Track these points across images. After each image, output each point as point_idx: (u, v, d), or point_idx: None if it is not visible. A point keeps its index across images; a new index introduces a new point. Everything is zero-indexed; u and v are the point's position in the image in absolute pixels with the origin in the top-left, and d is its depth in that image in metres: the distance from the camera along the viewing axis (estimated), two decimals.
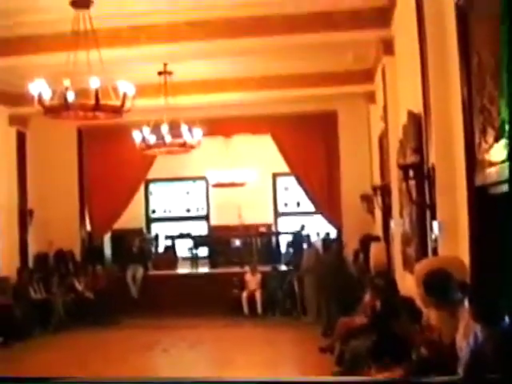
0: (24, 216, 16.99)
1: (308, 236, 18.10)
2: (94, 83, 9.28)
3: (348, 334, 10.18)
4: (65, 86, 9.25)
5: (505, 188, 5.26)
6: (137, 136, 13.81)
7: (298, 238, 19.25)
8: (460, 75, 6.54)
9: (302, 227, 19.44)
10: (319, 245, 17.56)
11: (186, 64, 14.05)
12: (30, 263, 17.23)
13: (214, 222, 22.54)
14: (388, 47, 11.53)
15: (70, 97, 9.34)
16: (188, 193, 23.35)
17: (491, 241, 5.90)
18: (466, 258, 6.62)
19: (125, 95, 9.61)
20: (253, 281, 16.86)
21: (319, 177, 17.74)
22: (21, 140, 17.18)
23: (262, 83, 15.34)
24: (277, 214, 22.46)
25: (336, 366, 9.87)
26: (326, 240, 18.55)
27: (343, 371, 9.21)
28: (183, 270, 19.76)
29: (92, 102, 9.42)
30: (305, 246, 17.53)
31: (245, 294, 16.54)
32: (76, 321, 15.57)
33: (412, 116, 8.96)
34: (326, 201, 17.77)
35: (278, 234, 21.83)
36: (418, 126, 8.60)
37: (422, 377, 5.55)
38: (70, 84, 9.24)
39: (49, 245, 17.51)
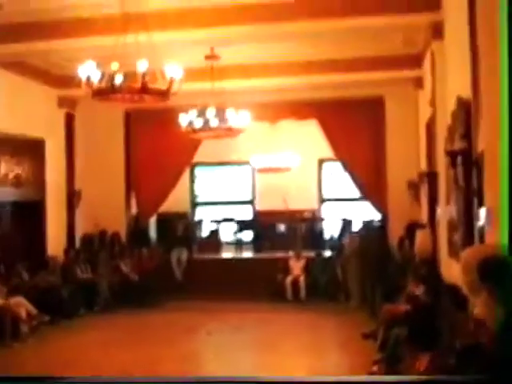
0: (72, 197, 17.26)
1: (351, 222, 18.03)
2: (141, 66, 9.35)
3: (392, 320, 10.15)
4: (113, 69, 9.35)
5: None
6: (183, 120, 13.89)
7: (344, 225, 19.24)
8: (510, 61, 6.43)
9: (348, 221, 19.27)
10: (364, 230, 17.52)
11: (232, 48, 14.04)
12: (77, 244, 17.51)
13: (258, 206, 22.55)
14: (437, 31, 11.36)
15: (118, 80, 9.42)
16: (233, 177, 23.38)
17: None
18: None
19: (172, 79, 9.66)
20: (297, 266, 16.88)
21: (365, 162, 17.63)
22: (69, 122, 17.43)
23: (309, 68, 15.28)
24: (321, 200, 22.40)
25: (379, 353, 9.85)
26: (371, 226, 18.51)
27: (385, 358, 9.19)
28: (227, 254, 19.86)
29: (139, 85, 9.50)
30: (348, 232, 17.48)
31: (289, 279, 16.56)
32: (121, 302, 15.77)
33: (461, 102, 8.85)
34: (372, 187, 17.66)
35: (322, 219, 21.80)
36: (467, 111, 8.49)
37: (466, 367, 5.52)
38: (118, 67, 9.33)
39: (95, 226, 17.74)
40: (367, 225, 18.75)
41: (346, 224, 18.78)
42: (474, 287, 6.63)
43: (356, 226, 18.05)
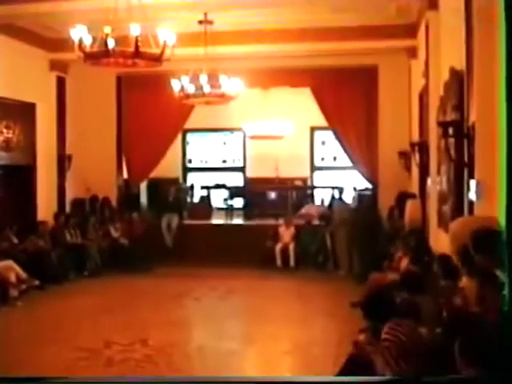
0: (62, 161, 17.18)
1: (341, 191, 18.01)
2: (134, 30, 9.27)
3: (379, 290, 10.18)
4: (105, 32, 9.26)
5: None
6: (175, 85, 13.81)
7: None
8: (506, 32, 6.39)
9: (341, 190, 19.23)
10: (353, 199, 17.54)
11: (226, 13, 13.93)
12: (67, 208, 17.48)
13: (250, 173, 22.56)
14: (432, 1, 11.31)
15: (111, 44, 9.35)
16: (225, 144, 23.36)
17: None
18: (502, 219, 6.55)
19: (165, 43, 9.59)
20: (287, 234, 16.88)
21: (357, 131, 17.59)
22: (61, 85, 17.30)
23: (303, 35, 15.18)
24: (313, 168, 22.40)
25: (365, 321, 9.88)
26: (361, 195, 18.52)
27: (370, 327, 9.23)
28: (218, 220, 19.88)
29: (132, 49, 9.43)
30: (337, 200, 17.47)
31: (278, 247, 16.58)
32: (110, 267, 15.78)
33: (454, 73, 8.83)
34: (363, 156, 17.64)
35: (313, 188, 21.81)
36: (459, 83, 8.48)
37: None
38: (110, 31, 9.25)
39: (86, 191, 17.70)
40: (358, 194, 18.77)
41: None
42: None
43: (347, 195, 18.03)
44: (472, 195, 7.68)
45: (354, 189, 19.20)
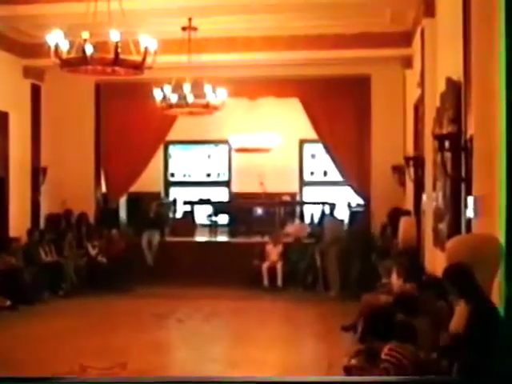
0: (37, 174, 17.08)
1: (332, 207, 17.98)
2: (113, 36, 9.23)
3: (372, 312, 10.16)
4: (83, 38, 9.22)
5: None
6: (157, 94, 13.78)
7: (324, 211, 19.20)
8: (505, 41, 6.41)
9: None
10: (345, 216, 17.52)
11: (211, 20, 13.94)
12: (42, 224, 17.36)
13: (235, 188, 22.53)
14: (429, 8, 11.35)
15: (89, 50, 9.30)
16: (209, 157, 23.34)
17: None
18: (502, 237, 6.54)
19: (146, 50, 9.56)
20: (274, 252, 16.83)
21: (349, 145, 17.62)
22: (36, 94, 17.22)
23: (292, 43, 15.20)
24: (302, 183, 22.40)
25: (358, 345, 9.86)
26: (353, 212, 18.51)
27: (365, 350, 9.21)
28: (201, 237, 19.82)
29: (111, 56, 9.39)
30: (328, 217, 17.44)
31: (265, 266, 16.52)
32: (87, 287, 15.69)
33: (451, 83, 8.85)
34: (355, 171, 17.66)
35: (302, 203, 21.77)
36: (457, 94, 8.49)
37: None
38: (88, 36, 9.21)
39: (62, 205, 17.60)
40: (349, 210, 18.77)
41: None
42: None
43: (337, 211, 18.00)
44: (470, 212, 7.67)
45: (349, 205, 19.17)
